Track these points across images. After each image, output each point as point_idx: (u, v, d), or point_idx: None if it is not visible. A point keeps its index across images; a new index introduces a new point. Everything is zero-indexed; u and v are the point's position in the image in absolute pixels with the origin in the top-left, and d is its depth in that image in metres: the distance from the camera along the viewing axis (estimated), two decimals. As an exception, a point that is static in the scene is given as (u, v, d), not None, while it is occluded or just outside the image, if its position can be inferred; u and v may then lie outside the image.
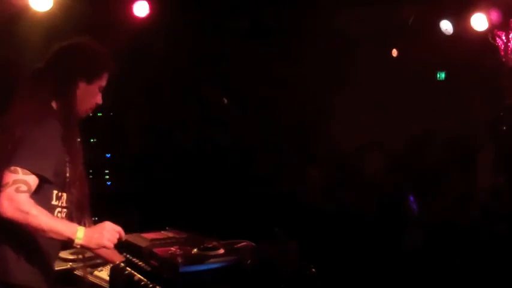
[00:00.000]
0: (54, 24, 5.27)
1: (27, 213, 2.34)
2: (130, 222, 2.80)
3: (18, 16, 5.27)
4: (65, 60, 2.64)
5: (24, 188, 2.36)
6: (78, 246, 2.44)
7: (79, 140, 2.63)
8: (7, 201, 2.32)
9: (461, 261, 5.21)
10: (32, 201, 2.37)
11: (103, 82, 2.71)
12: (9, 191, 2.33)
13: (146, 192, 6.41)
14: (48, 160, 2.46)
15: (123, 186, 6.45)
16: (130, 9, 5.91)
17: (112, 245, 2.50)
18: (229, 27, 6.43)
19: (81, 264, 2.79)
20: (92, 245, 2.45)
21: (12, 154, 2.39)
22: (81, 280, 2.89)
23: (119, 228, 2.53)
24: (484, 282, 5.05)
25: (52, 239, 2.45)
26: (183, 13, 6.15)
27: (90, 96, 2.69)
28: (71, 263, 3.11)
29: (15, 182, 2.34)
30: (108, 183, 6.49)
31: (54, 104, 2.61)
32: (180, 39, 6.26)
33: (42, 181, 2.44)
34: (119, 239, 2.52)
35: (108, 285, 2.81)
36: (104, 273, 2.98)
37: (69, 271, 3.09)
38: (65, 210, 2.60)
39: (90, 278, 2.92)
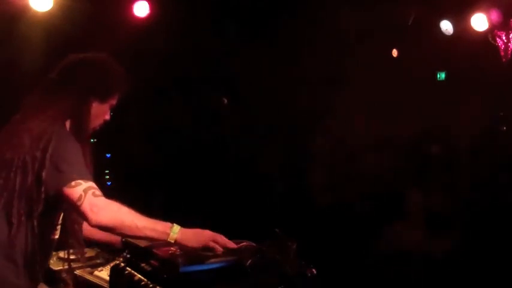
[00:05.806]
0: (54, 24, 5.27)
1: (118, 211, 2.27)
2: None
3: (18, 16, 5.27)
4: (80, 77, 2.50)
5: (98, 192, 2.26)
6: (172, 241, 2.32)
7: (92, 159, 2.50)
8: (95, 208, 2.21)
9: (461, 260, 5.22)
10: (113, 201, 2.28)
11: (115, 101, 2.62)
12: (88, 200, 2.21)
13: (146, 192, 6.41)
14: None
15: (123, 186, 6.44)
16: (131, 9, 5.92)
17: (220, 249, 2.38)
18: (229, 27, 6.43)
19: (81, 264, 2.79)
20: (193, 243, 2.34)
21: (56, 173, 2.26)
22: (81, 280, 2.89)
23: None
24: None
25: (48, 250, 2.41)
26: (183, 13, 6.15)
27: (101, 114, 2.60)
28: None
29: (86, 191, 2.23)
30: (108, 183, 6.49)
31: (67, 123, 2.48)
32: (180, 39, 6.26)
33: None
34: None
35: (108, 285, 2.81)
36: (104, 273, 2.98)
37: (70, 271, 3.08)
38: (59, 227, 2.49)
39: (90, 278, 2.91)
